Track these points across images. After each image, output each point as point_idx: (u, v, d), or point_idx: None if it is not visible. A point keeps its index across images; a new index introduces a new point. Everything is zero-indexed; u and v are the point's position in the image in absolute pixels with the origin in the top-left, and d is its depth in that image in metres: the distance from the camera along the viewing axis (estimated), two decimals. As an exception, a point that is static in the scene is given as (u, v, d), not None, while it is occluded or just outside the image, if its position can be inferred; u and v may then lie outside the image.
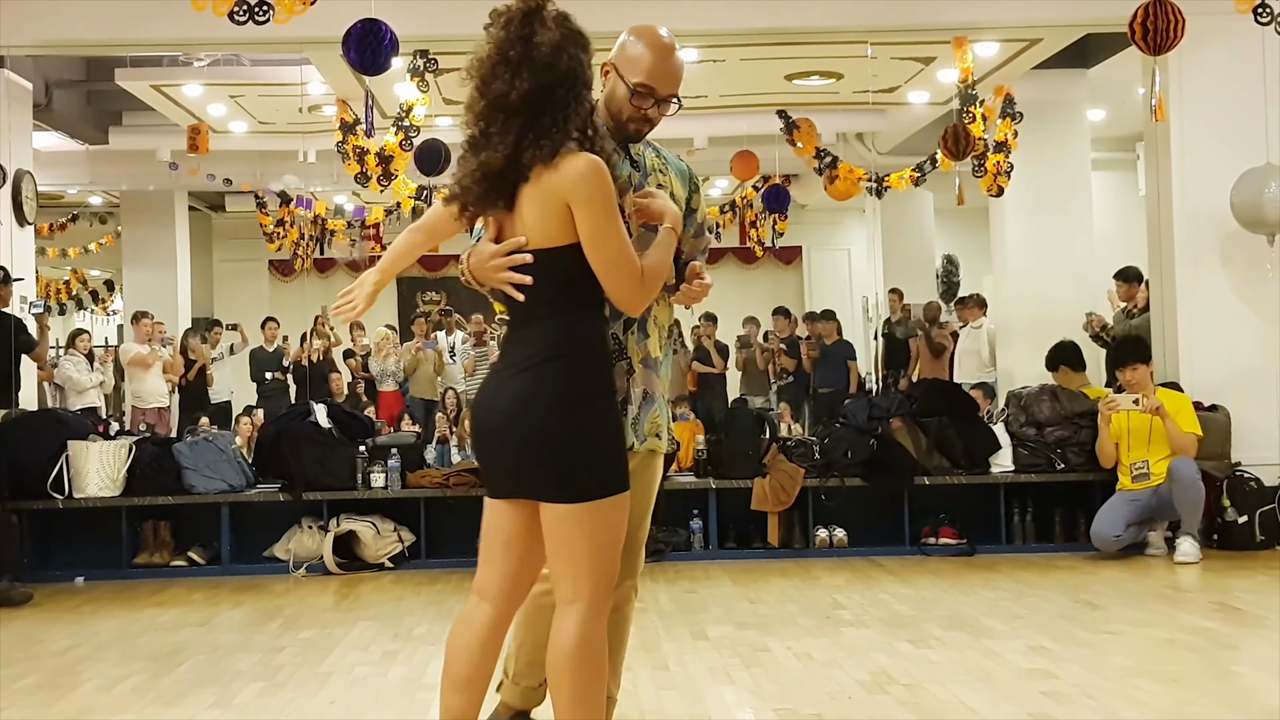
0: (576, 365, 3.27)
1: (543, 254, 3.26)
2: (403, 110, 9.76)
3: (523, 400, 3.26)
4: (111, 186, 17.72)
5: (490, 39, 3.39)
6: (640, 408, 3.69)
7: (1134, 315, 10.83)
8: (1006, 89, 10.93)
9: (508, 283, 3.29)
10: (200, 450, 8.84)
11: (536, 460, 3.27)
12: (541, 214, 3.24)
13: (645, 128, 3.70)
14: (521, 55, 3.34)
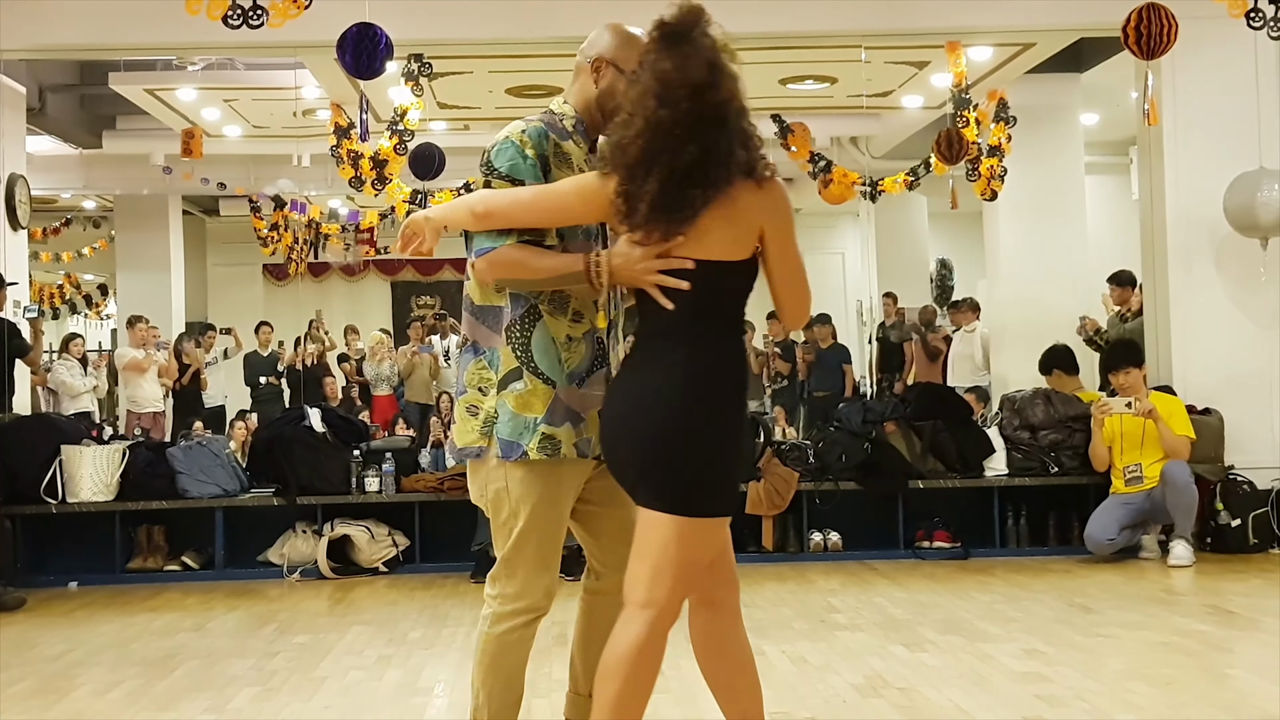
0: (713, 381, 3.25)
1: (707, 265, 3.22)
2: (397, 114, 9.76)
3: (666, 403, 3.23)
4: (105, 190, 17.69)
5: (671, 50, 3.25)
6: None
7: (1128, 319, 10.84)
8: (1000, 93, 10.95)
9: (657, 286, 3.24)
10: (194, 455, 8.83)
11: (660, 464, 3.25)
12: (728, 229, 3.20)
13: None
14: (721, 66, 3.27)
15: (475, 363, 3.48)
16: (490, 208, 3.33)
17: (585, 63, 3.64)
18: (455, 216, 3.40)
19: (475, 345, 3.49)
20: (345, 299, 22.44)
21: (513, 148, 3.43)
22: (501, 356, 3.43)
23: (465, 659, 5.97)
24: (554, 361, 3.43)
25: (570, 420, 3.45)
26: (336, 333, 17.34)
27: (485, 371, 3.46)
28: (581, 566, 3.81)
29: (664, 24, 3.25)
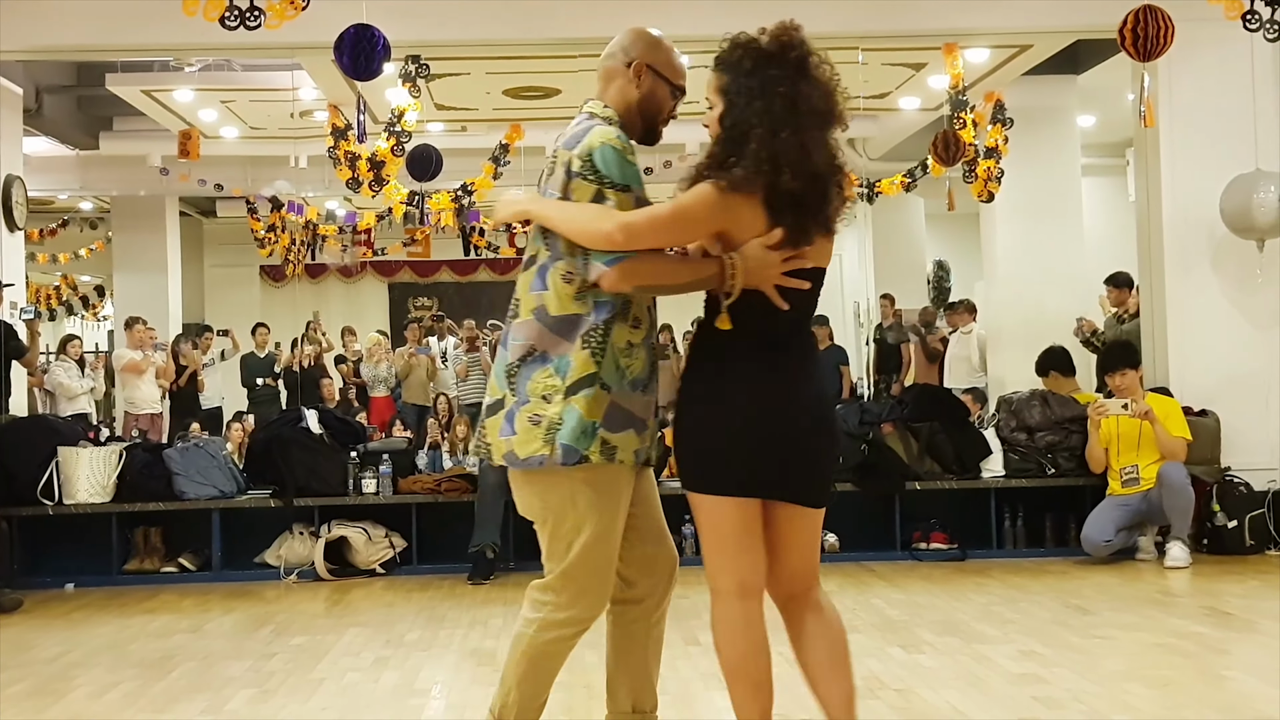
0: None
1: (816, 271, 3.43)
2: (394, 115, 9.75)
3: (826, 404, 3.53)
4: (102, 192, 17.69)
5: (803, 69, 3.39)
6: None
7: (1125, 320, 10.84)
8: (997, 95, 10.96)
9: (779, 287, 3.35)
10: (191, 456, 8.83)
11: (830, 464, 3.56)
12: (827, 238, 3.44)
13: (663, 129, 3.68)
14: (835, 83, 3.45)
15: (541, 371, 3.42)
16: (632, 232, 3.28)
17: (620, 66, 3.60)
18: (571, 230, 3.35)
19: (544, 355, 3.42)
20: (342, 300, 22.47)
21: (617, 154, 3.39)
22: (574, 363, 3.39)
23: (463, 660, 5.99)
24: (613, 368, 3.43)
25: (633, 427, 3.46)
26: (334, 334, 17.35)
27: (552, 379, 3.40)
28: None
29: (792, 45, 3.40)
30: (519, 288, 3.49)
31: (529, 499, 3.53)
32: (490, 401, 3.51)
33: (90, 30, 8.96)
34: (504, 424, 3.46)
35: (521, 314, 3.47)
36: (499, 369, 3.52)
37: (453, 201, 12.93)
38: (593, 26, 9.05)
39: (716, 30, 3.63)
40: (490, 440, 3.50)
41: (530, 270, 3.47)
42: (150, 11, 8.70)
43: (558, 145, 3.46)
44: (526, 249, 3.53)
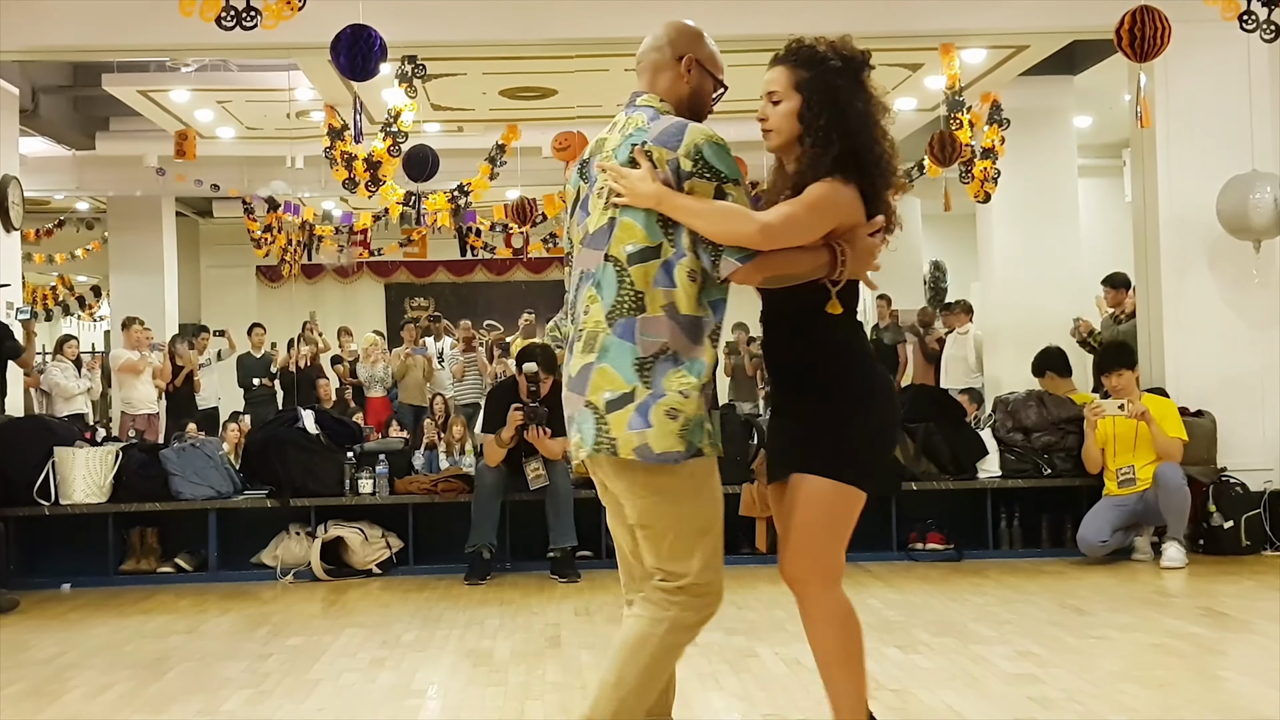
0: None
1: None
2: (391, 116, 9.75)
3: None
4: (98, 192, 17.68)
5: (868, 78, 3.59)
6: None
7: (1121, 321, 10.86)
8: (993, 95, 10.97)
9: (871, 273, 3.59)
10: (187, 457, 8.82)
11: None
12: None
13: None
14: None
15: (675, 371, 3.35)
16: (771, 233, 3.31)
17: (669, 60, 3.58)
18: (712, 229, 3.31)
19: (676, 355, 3.35)
20: (339, 301, 22.47)
21: (723, 148, 3.39)
22: (706, 364, 3.37)
23: (459, 661, 5.99)
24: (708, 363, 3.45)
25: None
26: (330, 334, 17.34)
27: (687, 378, 3.34)
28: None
29: (865, 54, 3.57)
30: (635, 279, 3.36)
31: (648, 496, 3.40)
32: (613, 395, 3.35)
33: (86, 30, 8.96)
34: (635, 417, 3.33)
35: (649, 309, 3.35)
36: (623, 361, 3.35)
37: (449, 202, 12.93)
38: (589, 27, 9.07)
39: (714, 31, 3.66)
40: (615, 434, 3.34)
41: (651, 263, 3.36)
42: (146, 12, 8.69)
43: (644, 140, 3.39)
44: (626, 239, 3.38)
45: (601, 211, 3.44)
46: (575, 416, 3.46)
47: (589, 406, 3.40)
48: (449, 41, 9.31)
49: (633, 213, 3.37)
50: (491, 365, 15.34)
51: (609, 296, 3.39)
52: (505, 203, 13.87)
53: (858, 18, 8.96)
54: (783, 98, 3.51)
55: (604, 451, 3.37)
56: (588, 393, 3.40)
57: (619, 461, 3.37)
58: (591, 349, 3.42)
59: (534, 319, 16.06)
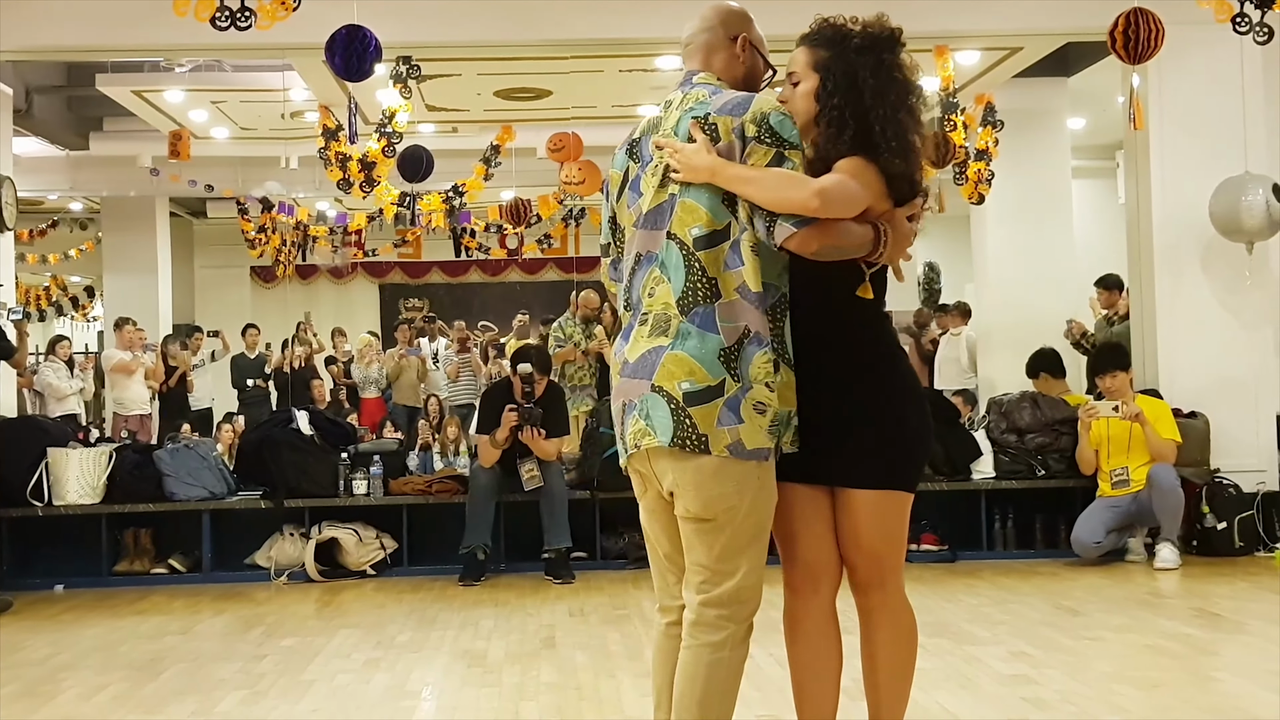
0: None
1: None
2: (385, 116, 9.74)
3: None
4: (92, 192, 17.65)
5: (901, 56, 3.46)
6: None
7: (1115, 322, 10.87)
8: (987, 97, 10.97)
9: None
10: (181, 457, 8.82)
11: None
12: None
13: None
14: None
15: (760, 355, 3.23)
16: (827, 198, 3.17)
17: (723, 40, 3.48)
18: (767, 196, 3.19)
19: (758, 336, 3.23)
20: (333, 301, 22.45)
21: (790, 119, 3.28)
22: (788, 342, 3.31)
23: (454, 662, 5.99)
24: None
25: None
26: (324, 335, 17.33)
27: (769, 365, 3.23)
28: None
29: (898, 33, 3.45)
30: (706, 264, 3.23)
31: (723, 491, 3.23)
32: (694, 387, 3.19)
33: (80, 31, 8.94)
34: (725, 411, 3.19)
35: (725, 294, 3.23)
36: (706, 353, 3.21)
37: (444, 202, 12.92)
38: (584, 28, 9.06)
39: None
40: (705, 430, 3.19)
41: (720, 246, 3.24)
42: (141, 12, 8.68)
43: (706, 111, 3.29)
44: (690, 220, 3.27)
45: (658, 189, 3.33)
46: (638, 402, 3.30)
47: (659, 392, 3.25)
48: (444, 42, 9.31)
49: (695, 193, 3.26)
50: (486, 366, 15.34)
51: (678, 280, 3.26)
52: (500, 203, 13.87)
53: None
54: (801, 78, 3.43)
55: (690, 447, 3.21)
56: (657, 378, 3.25)
57: (698, 456, 3.22)
58: (663, 332, 3.27)
59: (528, 320, 16.07)
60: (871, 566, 3.46)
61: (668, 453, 3.23)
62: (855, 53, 3.36)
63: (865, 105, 3.32)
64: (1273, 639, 6.21)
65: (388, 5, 8.30)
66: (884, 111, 3.32)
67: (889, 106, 3.33)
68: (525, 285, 22.52)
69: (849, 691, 3.59)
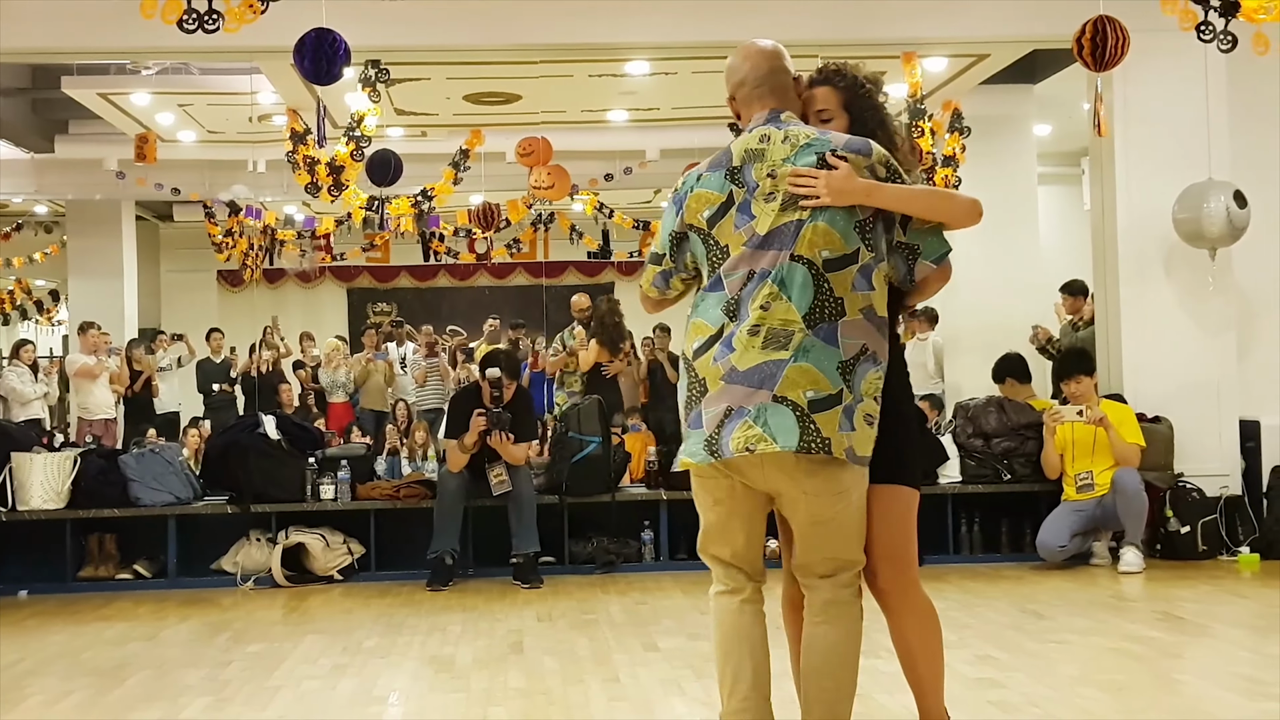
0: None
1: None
2: (354, 120, 9.72)
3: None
4: (57, 195, 17.54)
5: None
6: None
7: (1079, 328, 10.94)
8: (955, 104, 11.03)
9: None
10: (147, 462, 8.76)
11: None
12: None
13: None
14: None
15: (873, 372, 3.63)
16: (981, 207, 3.72)
17: (789, 81, 3.88)
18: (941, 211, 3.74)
19: (875, 356, 3.64)
20: (301, 306, 22.35)
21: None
22: (886, 366, 3.68)
23: (421, 668, 5.98)
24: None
25: None
26: (292, 339, 17.26)
27: (879, 381, 3.64)
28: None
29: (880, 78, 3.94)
30: (834, 285, 3.58)
31: (839, 492, 3.64)
32: (818, 395, 3.55)
33: (46, 32, 8.87)
34: (843, 419, 3.57)
35: (849, 313, 3.59)
36: (828, 364, 3.57)
37: (412, 207, 12.89)
38: (553, 33, 9.06)
39: (671, 39, 3.74)
40: (829, 434, 3.55)
41: (849, 269, 3.60)
42: (107, 14, 8.62)
43: (833, 147, 3.65)
44: (821, 244, 3.59)
45: (779, 213, 3.62)
46: (752, 409, 3.57)
47: (783, 403, 3.54)
48: (413, 46, 9.29)
49: (829, 218, 3.59)
50: (454, 371, 15.31)
51: (803, 298, 3.57)
52: (469, 208, 13.85)
53: (820, 25, 9.00)
54: (833, 115, 3.82)
55: (816, 450, 3.53)
56: (780, 388, 3.55)
57: (817, 459, 3.56)
58: (781, 346, 3.56)
59: (499, 324, 16.05)
60: (893, 562, 3.77)
61: (806, 459, 3.56)
62: (869, 95, 3.85)
63: (896, 141, 3.81)
64: (1235, 642, 6.27)
65: (356, 8, 8.27)
66: (897, 148, 3.78)
67: (891, 146, 3.77)
68: (494, 290, 22.49)
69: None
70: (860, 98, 3.83)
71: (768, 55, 3.88)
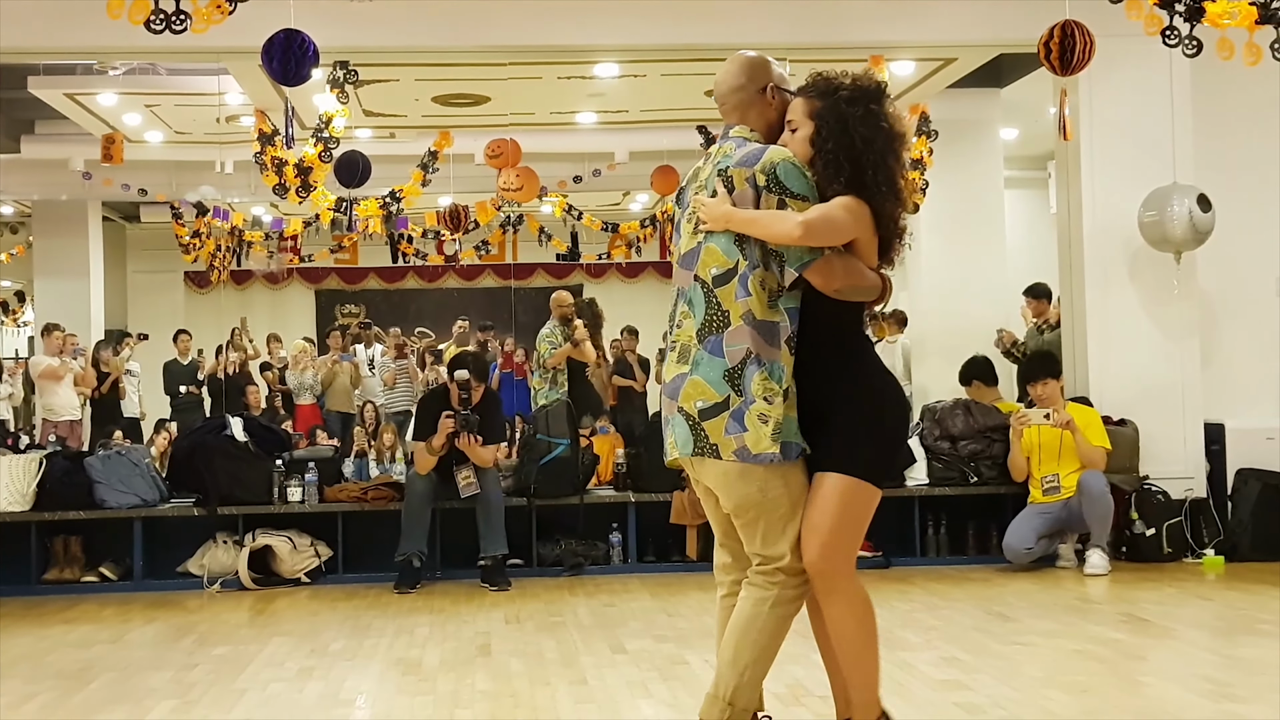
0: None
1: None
2: (322, 121, 9.69)
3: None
4: (23, 196, 17.43)
5: (888, 107, 3.95)
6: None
7: (1045, 331, 10.99)
8: (922, 107, 11.07)
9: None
10: (112, 464, 8.71)
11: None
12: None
13: None
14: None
15: (759, 374, 3.79)
16: (809, 228, 3.72)
17: (755, 94, 4.00)
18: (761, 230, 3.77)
19: (759, 358, 3.79)
20: (268, 307, 22.26)
21: (796, 169, 3.82)
22: (785, 368, 3.81)
23: (388, 670, 5.96)
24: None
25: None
26: (260, 341, 17.19)
27: (769, 382, 3.78)
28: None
29: (884, 86, 3.94)
30: (721, 299, 3.82)
31: (747, 492, 3.83)
32: (706, 405, 3.82)
33: (11, 32, 8.81)
34: (731, 423, 3.79)
35: (732, 321, 3.81)
36: (714, 374, 3.82)
37: (381, 208, 12.87)
38: (522, 35, 9.06)
39: (640, 41, 3.77)
40: (716, 439, 3.81)
41: (732, 282, 3.81)
42: (73, 13, 8.58)
43: (727, 165, 3.86)
44: (711, 262, 3.84)
45: (691, 235, 3.94)
46: (670, 419, 3.95)
47: (681, 413, 3.88)
48: (381, 47, 9.28)
49: (715, 238, 3.84)
50: (423, 373, 15.27)
51: (699, 314, 3.87)
52: (437, 209, 13.83)
53: (788, 29, 9.03)
54: (799, 125, 3.89)
55: (705, 454, 3.84)
56: (680, 400, 3.89)
57: (717, 462, 3.83)
58: (685, 360, 3.90)
59: (468, 326, 16.02)
60: (820, 546, 3.86)
61: (709, 461, 3.84)
62: (846, 103, 3.84)
63: (857, 150, 3.80)
64: (1198, 644, 6.32)
65: (325, 9, 8.25)
66: (873, 156, 3.81)
67: (877, 152, 3.82)
68: (462, 292, 22.45)
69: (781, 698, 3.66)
70: (831, 105, 3.85)
71: (732, 72, 4.05)
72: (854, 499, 3.89)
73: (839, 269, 3.79)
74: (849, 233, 3.80)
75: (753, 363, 3.77)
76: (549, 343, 11.59)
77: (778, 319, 3.80)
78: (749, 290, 3.79)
